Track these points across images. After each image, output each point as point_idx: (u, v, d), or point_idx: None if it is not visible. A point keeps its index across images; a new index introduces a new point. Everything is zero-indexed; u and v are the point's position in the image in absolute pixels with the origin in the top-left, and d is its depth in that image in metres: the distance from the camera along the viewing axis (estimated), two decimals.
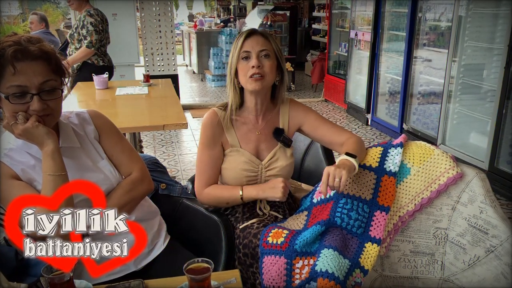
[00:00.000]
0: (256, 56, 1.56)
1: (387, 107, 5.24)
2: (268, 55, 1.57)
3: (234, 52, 1.59)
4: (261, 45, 1.57)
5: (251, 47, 1.56)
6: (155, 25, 5.87)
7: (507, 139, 3.42)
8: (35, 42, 1.25)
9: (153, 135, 5.04)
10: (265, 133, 1.67)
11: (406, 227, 1.56)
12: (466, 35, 3.89)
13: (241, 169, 1.63)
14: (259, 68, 1.55)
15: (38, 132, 1.23)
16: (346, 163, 1.46)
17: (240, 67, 1.58)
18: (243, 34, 1.59)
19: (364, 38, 5.47)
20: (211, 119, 1.64)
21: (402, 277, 1.57)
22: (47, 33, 5.17)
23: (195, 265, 1.04)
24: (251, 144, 1.66)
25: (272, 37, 1.62)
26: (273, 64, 1.59)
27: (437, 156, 1.54)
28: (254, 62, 1.55)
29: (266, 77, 1.57)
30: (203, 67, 8.71)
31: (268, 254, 1.42)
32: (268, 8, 8.07)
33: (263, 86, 1.58)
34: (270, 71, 1.58)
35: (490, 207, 1.46)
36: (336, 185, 1.38)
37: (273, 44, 1.60)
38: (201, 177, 1.65)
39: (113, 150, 1.45)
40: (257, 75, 1.55)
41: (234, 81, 1.61)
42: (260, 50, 1.56)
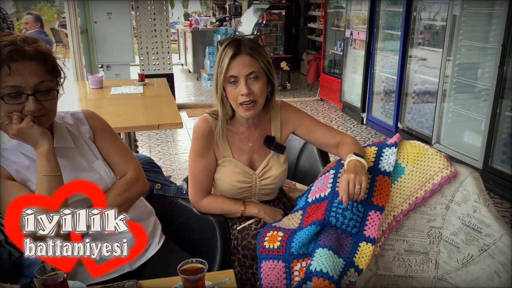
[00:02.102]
0: (244, 81, 1.46)
1: (382, 106, 5.25)
2: (257, 77, 1.48)
3: (219, 71, 1.49)
4: (248, 67, 1.46)
5: (238, 71, 1.46)
6: (150, 24, 5.86)
7: (501, 138, 3.45)
8: (31, 42, 1.24)
9: (148, 135, 5.03)
10: (258, 143, 1.64)
11: (401, 226, 1.57)
12: (460, 35, 3.91)
13: (235, 180, 1.61)
14: (249, 95, 1.47)
15: (33, 133, 1.23)
16: (359, 165, 1.42)
17: (228, 91, 1.50)
18: (228, 53, 1.46)
19: (359, 37, 5.48)
20: (203, 128, 1.57)
21: (397, 276, 1.58)
22: (42, 32, 5.15)
23: (189, 266, 1.04)
24: (244, 156, 1.63)
25: (259, 52, 1.50)
26: (263, 84, 1.50)
27: (431, 156, 1.55)
28: (243, 90, 1.46)
29: (258, 101, 1.50)
30: (199, 66, 8.71)
31: (266, 259, 1.42)
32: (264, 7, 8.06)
33: (256, 112, 1.52)
34: (261, 93, 1.50)
35: (483, 206, 1.47)
36: (357, 193, 1.35)
37: (261, 62, 1.49)
38: (196, 186, 1.62)
39: (108, 150, 1.45)
40: (248, 103, 1.48)
41: (222, 97, 1.52)
42: (248, 74, 1.47)
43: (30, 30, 5.07)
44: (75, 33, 5.24)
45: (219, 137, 1.58)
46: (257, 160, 1.65)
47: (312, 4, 9.04)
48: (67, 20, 5.30)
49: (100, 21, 5.58)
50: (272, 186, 1.67)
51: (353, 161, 1.45)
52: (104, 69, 5.88)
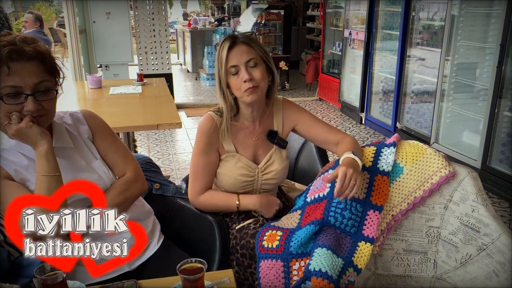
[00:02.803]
0: (244, 68, 1.52)
1: (381, 106, 5.26)
2: (256, 64, 1.53)
3: (220, 66, 1.54)
4: (247, 55, 1.52)
5: (237, 60, 1.52)
6: (149, 24, 5.86)
7: (499, 137, 3.45)
8: (30, 43, 1.24)
9: (147, 134, 5.03)
10: (261, 137, 1.67)
11: (399, 226, 1.57)
12: (459, 34, 3.92)
13: (238, 174, 1.62)
14: (251, 81, 1.51)
15: (32, 133, 1.23)
16: (355, 164, 1.44)
17: (231, 83, 1.55)
18: (225, 46, 1.53)
19: (358, 37, 5.48)
20: (208, 125, 1.60)
21: (395, 275, 1.58)
22: (40, 32, 5.14)
23: (188, 265, 1.04)
24: (248, 150, 1.66)
25: (255, 41, 1.58)
26: (263, 70, 1.55)
27: (429, 156, 1.55)
28: (245, 76, 1.51)
29: (260, 86, 1.54)
30: (198, 66, 8.70)
31: (265, 258, 1.42)
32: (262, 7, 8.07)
33: (259, 96, 1.55)
34: (262, 78, 1.55)
35: (481, 206, 1.47)
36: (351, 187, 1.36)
37: (258, 50, 1.55)
38: (196, 183, 1.63)
39: (107, 150, 1.45)
40: (251, 89, 1.52)
41: (226, 92, 1.56)
42: (246, 61, 1.52)
43: (29, 29, 5.07)
44: (74, 33, 5.23)
45: (224, 134, 1.61)
46: (260, 155, 1.67)
47: (311, 4, 9.04)
48: (66, 20, 5.29)
49: (98, 21, 5.59)
50: (274, 181, 1.68)
51: (349, 158, 1.46)
52: (102, 69, 5.88)
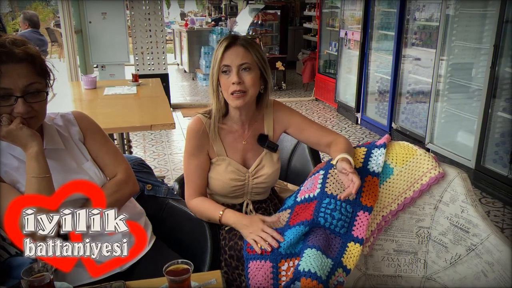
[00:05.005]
0: (236, 70, 1.50)
1: (376, 106, 5.27)
2: (248, 68, 1.51)
3: (214, 63, 1.53)
4: (241, 58, 1.50)
5: (231, 61, 1.50)
6: (145, 24, 5.85)
7: (493, 138, 3.47)
8: (20, 45, 1.25)
9: (143, 135, 5.03)
10: (251, 141, 1.65)
11: (390, 227, 1.58)
12: (453, 35, 3.93)
13: (228, 178, 1.62)
14: (239, 84, 1.50)
15: (22, 134, 1.23)
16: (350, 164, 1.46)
17: (221, 81, 1.53)
18: (223, 44, 1.52)
19: (353, 38, 5.49)
20: (196, 128, 1.59)
21: (386, 275, 1.59)
22: (36, 32, 5.13)
23: (174, 267, 1.05)
24: (238, 154, 1.64)
25: (254, 46, 1.55)
26: (255, 76, 1.53)
27: (419, 156, 1.56)
28: (234, 78, 1.49)
29: (248, 92, 1.52)
30: (194, 66, 8.70)
31: (253, 259, 1.43)
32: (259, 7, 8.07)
33: (245, 102, 1.53)
34: (252, 85, 1.52)
35: (471, 206, 1.48)
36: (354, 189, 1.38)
37: (254, 55, 1.53)
38: (189, 186, 1.63)
39: (98, 152, 1.46)
40: (238, 93, 1.50)
41: (217, 90, 1.56)
42: (240, 64, 1.50)
43: (24, 29, 5.06)
44: (70, 33, 5.23)
45: (213, 134, 1.59)
46: (250, 159, 1.66)
47: (308, 4, 9.05)
48: (61, 20, 5.28)
49: (94, 21, 5.57)
50: (264, 185, 1.68)
51: (346, 159, 1.47)
52: (99, 69, 5.87)
